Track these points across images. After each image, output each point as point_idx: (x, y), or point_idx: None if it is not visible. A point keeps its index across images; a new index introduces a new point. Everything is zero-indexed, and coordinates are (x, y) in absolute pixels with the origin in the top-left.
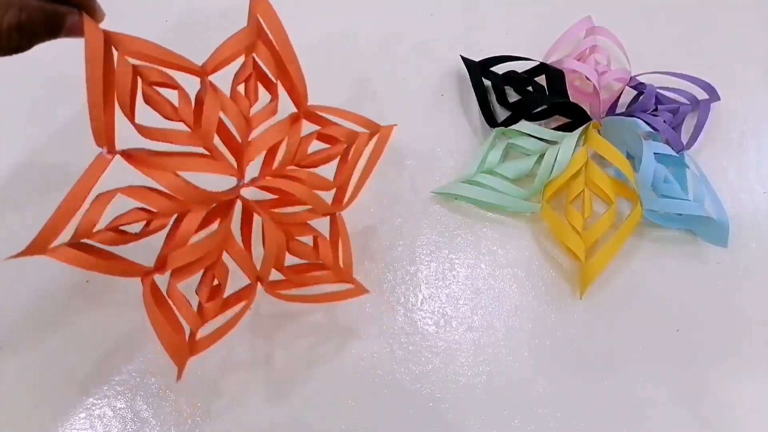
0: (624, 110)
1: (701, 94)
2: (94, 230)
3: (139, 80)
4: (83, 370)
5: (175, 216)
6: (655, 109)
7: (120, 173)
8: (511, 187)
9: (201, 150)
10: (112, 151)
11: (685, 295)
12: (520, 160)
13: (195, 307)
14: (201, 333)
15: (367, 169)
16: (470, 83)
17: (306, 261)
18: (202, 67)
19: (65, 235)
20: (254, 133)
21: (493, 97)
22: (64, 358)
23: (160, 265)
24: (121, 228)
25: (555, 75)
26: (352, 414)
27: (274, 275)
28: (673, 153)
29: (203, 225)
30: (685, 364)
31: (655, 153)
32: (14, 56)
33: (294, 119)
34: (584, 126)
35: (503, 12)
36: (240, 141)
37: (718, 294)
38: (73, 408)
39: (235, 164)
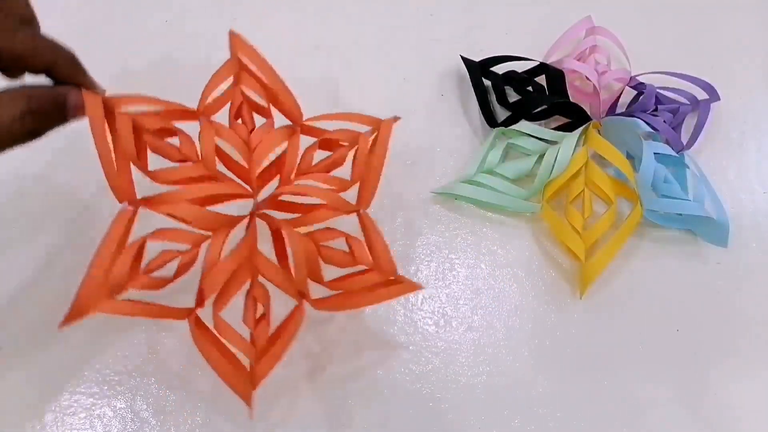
0: (624, 110)
1: (701, 94)
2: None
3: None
4: (83, 370)
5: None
6: (655, 109)
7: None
8: (511, 187)
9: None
10: (133, 203)
11: (685, 295)
12: (520, 160)
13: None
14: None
15: (376, 164)
16: (470, 83)
17: (345, 268)
18: (198, 111)
19: None
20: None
21: (493, 97)
22: (64, 358)
23: (200, 299)
24: (154, 275)
25: (555, 75)
26: (352, 414)
27: (320, 291)
28: (673, 153)
29: None
30: (685, 364)
31: (655, 153)
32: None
33: (291, 130)
34: (584, 126)
35: (503, 12)
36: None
37: (718, 294)
38: (73, 408)
39: (247, 188)
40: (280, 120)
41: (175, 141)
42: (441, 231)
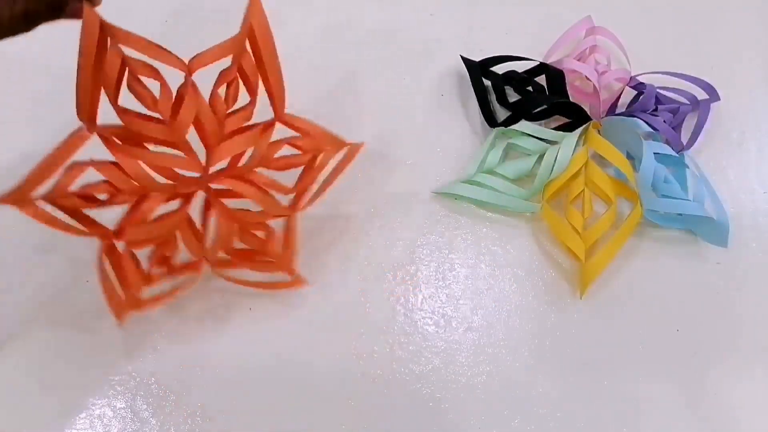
0: (624, 110)
1: (701, 94)
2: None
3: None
4: (83, 370)
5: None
6: (655, 109)
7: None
8: (511, 187)
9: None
10: (91, 128)
11: (685, 295)
12: (520, 160)
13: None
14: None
15: (330, 179)
16: (470, 83)
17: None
18: (188, 64)
19: None
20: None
21: (493, 97)
22: (64, 358)
23: (120, 233)
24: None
25: (555, 75)
26: (352, 414)
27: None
28: (673, 153)
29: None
30: (685, 364)
31: (655, 153)
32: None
33: (265, 127)
34: (584, 126)
35: (503, 12)
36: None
37: (717, 294)
38: (73, 408)
39: (203, 155)
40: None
41: (152, 85)
42: (441, 231)
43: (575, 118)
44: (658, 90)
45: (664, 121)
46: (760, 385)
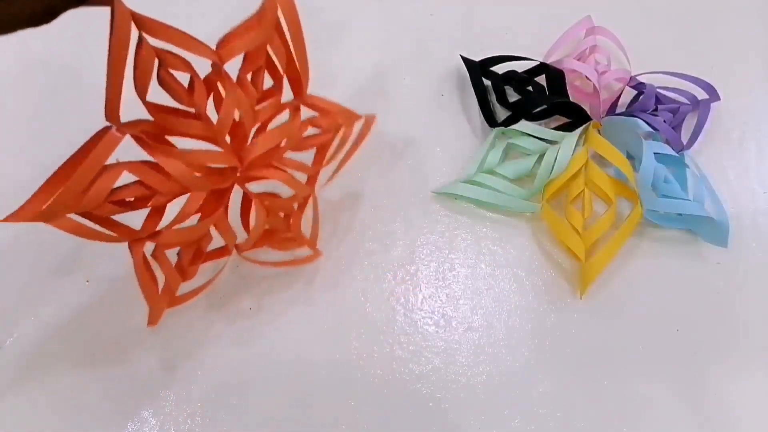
0: (624, 110)
1: (701, 94)
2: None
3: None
4: (83, 369)
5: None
6: (655, 109)
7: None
8: (511, 187)
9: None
10: (122, 130)
11: (685, 295)
12: (520, 160)
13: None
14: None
15: (349, 152)
16: (470, 83)
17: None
18: (218, 53)
19: None
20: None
21: (493, 97)
22: (64, 358)
23: (153, 236)
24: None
25: (555, 75)
26: (352, 414)
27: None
28: (674, 153)
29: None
30: (685, 364)
31: (655, 153)
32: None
33: (294, 112)
34: (584, 126)
35: (503, 12)
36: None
37: (717, 294)
38: (72, 408)
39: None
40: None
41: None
42: (441, 231)
43: (575, 118)
44: (658, 90)
45: (664, 121)
46: (760, 385)
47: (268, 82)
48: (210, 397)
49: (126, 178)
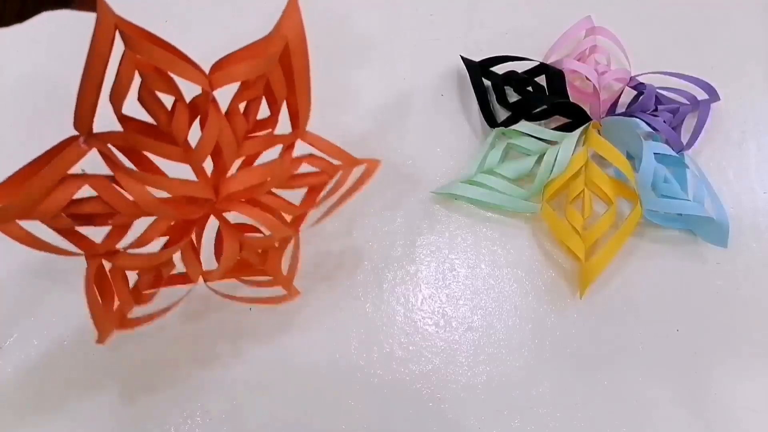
0: (624, 110)
1: (701, 94)
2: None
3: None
4: (83, 369)
5: None
6: (655, 109)
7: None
8: (511, 187)
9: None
10: (90, 142)
11: (685, 295)
12: (520, 160)
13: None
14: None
15: (344, 197)
16: (470, 83)
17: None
18: (210, 78)
19: None
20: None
21: (493, 97)
22: (64, 359)
23: (113, 257)
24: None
25: (555, 75)
26: (352, 414)
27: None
28: (673, 153)
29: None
30: (685, 364)
31: (655, 153)
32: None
33: (286, 149)
34: (584, 126)
35: (503, 12)
36: (225, 161)
37: (717, 294)
38: (72, 408)
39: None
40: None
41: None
42: (441, 231)
43: (575, 118)
44: (658, 90)
45: (664, 121)
46: (760, 385)
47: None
48: (209, 397)
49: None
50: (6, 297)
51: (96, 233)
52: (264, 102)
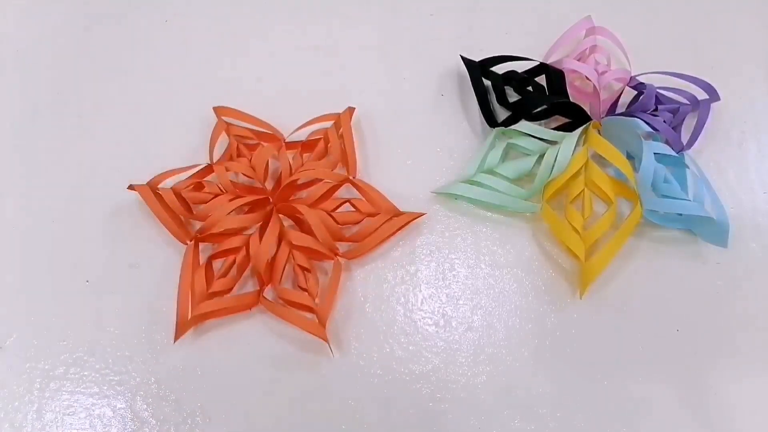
0: (624, 110)
1: (701, 94)
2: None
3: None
4: (83, 369)
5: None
6: (655, 109)
7: None
8: (511, 187)
9: None
10: (192, 239)
11: (685, 295)
12: (520, 160)
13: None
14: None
15: (348, 143)
16: (470, 83)
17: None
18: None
19: None
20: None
21: (493, 97)
22: (64, 358)
23: (260, 281)
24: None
25: (555, 75)
26: (352, 414)
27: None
28: (673, 153)
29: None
30: (685, 364)
31: (655, 153)
32: None
33: (278, 145)
34: (584, 126)
35: (503, 12)
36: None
37: (717, 294)
38: (73, 408)
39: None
40: None
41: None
42: (441, 231)
43: (575, 118)
44: (658, 90)
45: (664, 121)
46: (760, 385)
47: None
48: (209, 397)
49: None
50: (6, 297)
51: None
52: None
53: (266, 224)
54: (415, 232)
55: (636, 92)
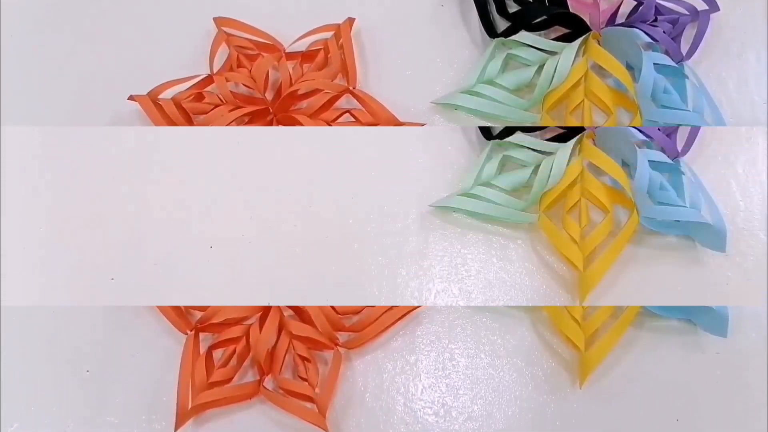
0: (624, 20)
1: (701, 5)
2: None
3: None
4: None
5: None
6: (655, 20)
7: None
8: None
9: None
10: (191, 329)
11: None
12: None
13: None
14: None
15: (348, 53)
16: None
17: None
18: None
19: None
20: None
21: (492, 8)
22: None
23: (260, 370)
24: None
25: None
26: None
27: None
28: (673, 63)
29: None
30: None
31: (654, 63)
32: None
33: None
34: (584, 36)
35: None
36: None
37: (717, 383)
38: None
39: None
40: None
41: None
42: (441, 321)
43: (575, 28)
44: (657, 0)
45: (664, 32)
46: None
47: None
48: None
49: None
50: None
51: None
52: None
53: (266, 314)
54: (415, 321)
55: (636, 2)
